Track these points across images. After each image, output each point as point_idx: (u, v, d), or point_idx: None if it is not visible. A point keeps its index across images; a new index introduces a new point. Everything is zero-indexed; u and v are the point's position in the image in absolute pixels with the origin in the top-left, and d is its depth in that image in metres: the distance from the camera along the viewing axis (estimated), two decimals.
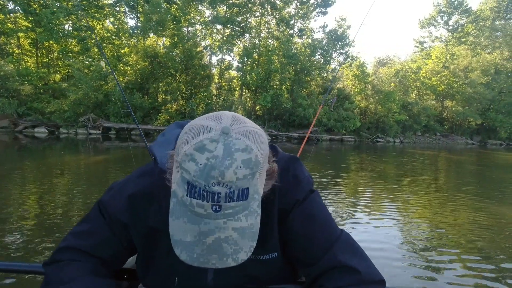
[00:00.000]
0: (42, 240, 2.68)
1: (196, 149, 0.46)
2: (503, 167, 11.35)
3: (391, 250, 2.82)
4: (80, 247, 0.67)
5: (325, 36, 25.74)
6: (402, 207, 4.38)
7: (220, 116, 0.51)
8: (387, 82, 24.96)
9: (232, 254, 0.50)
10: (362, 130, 23.40)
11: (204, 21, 23.37)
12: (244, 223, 0.49)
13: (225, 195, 0.46)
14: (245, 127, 0.51)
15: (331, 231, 0.66)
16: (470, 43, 30.60)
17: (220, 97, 22.04)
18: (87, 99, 16.82)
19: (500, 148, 24.69)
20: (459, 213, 4.20)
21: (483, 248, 2.97)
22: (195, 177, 0.45)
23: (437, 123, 27.64)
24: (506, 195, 5.82)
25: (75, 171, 6.30)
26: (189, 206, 0.48)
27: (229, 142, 0.47)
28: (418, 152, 15.81)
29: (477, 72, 26.40)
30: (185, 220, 0.49)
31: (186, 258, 0.50)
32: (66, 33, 18.82)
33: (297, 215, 0.66)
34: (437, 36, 34.92)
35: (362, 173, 8.13)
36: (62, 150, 10.46)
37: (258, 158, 0.48)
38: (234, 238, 0.49)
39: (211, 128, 0.48)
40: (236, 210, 0.48)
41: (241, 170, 0.46)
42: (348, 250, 0.65)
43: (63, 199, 4.03)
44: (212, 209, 0.47)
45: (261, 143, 0.51)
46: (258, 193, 0.51)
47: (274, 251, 0.67)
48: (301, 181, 0.68)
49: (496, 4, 35.32)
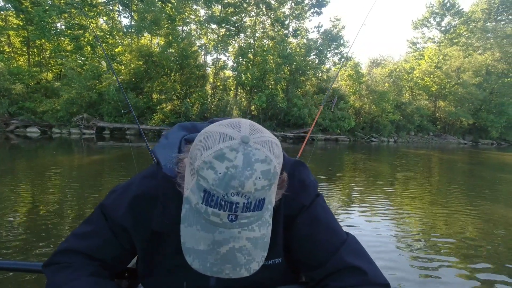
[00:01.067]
0: (33, 240, 2.65)
1: (215, 157, 0.45)
2: (494, 166, 11.56)
3: (383, 248, 2.84)
4: (81, 249, 0.67)
5: (320, 36, 25.85)
6: (396, 206, 4.43)
7: (238, 124, 0.51)
8: (381, 82, 25.19)
9: (245, 264, 0.50)
10: (356, 130, 23.58)
11: (199, 20, 23.28)
12: (257, 233, 0.49)
13: (243, 205, 0.46)
14: (264, 137, 0.50)
15: (337, 235, 0.66)
16: (462, 44, 31.04)
17: (215, 97, 21.98)
18: (81, 99, 16.63)
19: (491, 147, 25.12)
20: (452, 212, 4.26)
21: (476, 246, 3.01)
22: (214, 186, 0.45)
23: (430, 123, 28.00)
24: (498, 194, 5.93)
25: (68, 172, 6.21)
26: (204, 214, 0.47)
27: (249, 152, 0.46)
28: (411, 152, 16.00)
29: (469, 72, 26.81)
30: (199, 227, 0.48)
31: (199, 267, 0.49)
32: (58, 31, 18.55)
33: (303, 219, 0.66)
34: (430, 37, 35.35)
35: (357, 172, 8.19)
36: (55, 150, 10.32)
37: (276, 169, 0.48)
38: (248, 248, 0.49)
39: (231, 137, 0.48)
40: (251, 220, 0.48)
41: (260, 181, 0.46)
42: (354, 253, 0.65)
43: (55, 200, 3.96)
44: (228, 218, 0.46)
45: (278, 154, 0.51)
46: (272, 203, 0.51)
47: (278, 257, 0.67)
48: (307, 186, 0.68)
49: (487, 6, 35.88)
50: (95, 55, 19.15)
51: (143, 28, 19.06)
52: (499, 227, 3.66)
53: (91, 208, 3.65)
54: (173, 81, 20.13)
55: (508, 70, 28.60)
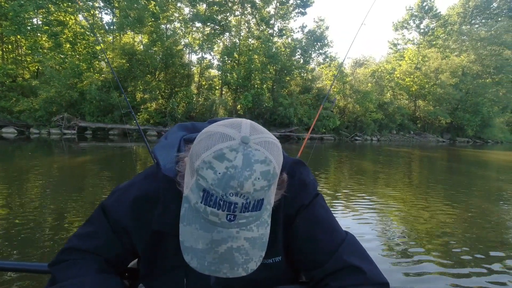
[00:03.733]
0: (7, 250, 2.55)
1: (215, 157, 0.45)
2: (470, 163, 12.13)
3: (367, 245, 2.94)
4: (85, 247, 0.67)
5: (305, 36, 26.17)
6: (379, 203, 4.57)
7: (238, 124, 0.51)
8: (364, 82, 25.81)
9: (243, 264, 0.50)
10: (341, 129, 24.04)
11: (183, 18, 22.97)
12: (256, 233, 0.50)
13: (241, 205, 0.46)
14: (264, 137, 0.50)
15: (336, 234, 0.67)
16: (439, 46, 32.30)
17: (201, 96, 21.78)
18: (60, 98, 16.02)
19: (467, 145, 26.31)
20: (432, 205, 4.45)
21: (455, 236, 3.17)
22: (213, 186, 0.45)
23: (411, 122, 28.97)
24: (473, 188, 6.26)
25: (48, 174, 5.94)
26: (203, 213, 0.47)
27: (249, 152, 0.46)
28: (394, 150, 16.50)
29: (446, 73, 27.95)
30: (197, 227, 0.49)
31: (197, 266, 0.49)
32: (35, 27, 17.76)
33: (303, 219, 0.66)
34: (409, 39, 36.55)
35: (342, 170, 8.38)
36: (34, 151, 9.90)
37: (276, 170, 0.49)
38: (246, 248, 0.49)
39: (231, 137, 0.48)
40: (249, 220, 0.48)
41: (259, 182, 0.46)
42: (354, 252, 0.65)
43: (33, 205, 3.74)
44: (226, 218, 0.47)
45: (278, 154, 0.51)
46: (270, 204, 0.52)
47: (278, 256, 0.67)
48: (307, 186, 0.69)
49: (463, 10, 37.54)
50: (75, 52, 18.51)
51: (126, 25, 18.59)
52: (476, 218, 3.86)
53: (72, 214, 3.54)
54: (158, 80, 19.78)
55: (482, 71, 30.06)
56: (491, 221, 3.83)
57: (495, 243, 3.05)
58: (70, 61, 17.28)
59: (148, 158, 8.97)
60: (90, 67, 17.99)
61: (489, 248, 2.90)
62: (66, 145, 11.59)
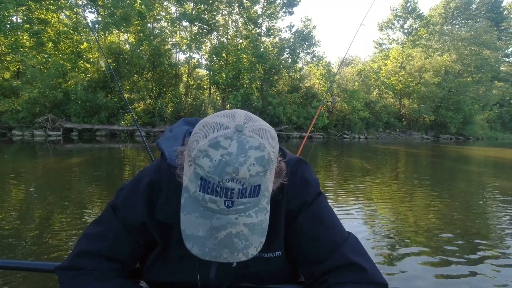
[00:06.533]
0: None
1: (210, 145, 0.47)
2: (454, 159, 12.56)
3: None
4: (97, 251, 0.67)
5: (292, 36, 26.37)
6: (367, 200, 4.68)
7: (233, 114, 0.53)
8: (351, 81, 26.22)
9: (243, 249, 0.51)
10: (329, 127, 24.37)
11: (170, 17, 22.70)
12: (255, 219, 0.50)
13: (238, 191, 0.47)
14: (258, 125, 0.52)
15: (339, 233, 0.67)
16: (423, 46, 33.18)
17: (190, 96, 21.61)
18: (44, 98, 15.55)
19: (450, 142, 27.16)
20: (418, 200, 4.61)
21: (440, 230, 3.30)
22: (209, 173, 0.46)
23: (397, 119, 29.66)
24: (457, 182, 6.53)
25: (31, 177, 5.71)
26: (202, 201, 0.49)
27: (243, 139, 0.48)
28: (380, 147, 16.87)
29: (429, 72, 28.78)
30: (197, 215, 0.50)
31: (198, 252, 0.51)
32: (15, 25, 17.14)
33: (306, 217, 0.67)
34: (394, 39, 37.38)
35: (331, 167, 8.52)
36: (17, 153, 9.59)
37: (270, 156, 0.50)
38: (245, 234, 0.50)
39: (225, 126, 0.49)
40: (248, 206, 0.49)
41: (254, 168, 0.47)
42: (355, 251, 0.65)
43: (17, 209, 3.61)
44: (224, 204, 0.48)
45: (273, 141, 0.53)
46: (268, 191, 0.53)
47: (279, 250, 0.68)
48: (310, 183, 0.70)
49: (444, 11, 38.74)
50: (58, 51, 17.98)
51: (112, 24, 18.21)
52: (459, 212, 4.04)
53: (57, 219, 3.47)
54: (146, 80, 19.48)
55: (463, 70, 31.11)
56: (474, 213, 4.01)
57: (478, 235, 3.20)
58: (54, 61, 16.79)
59: (137, 159, 8.85)
60: (75, 67, 17.53)
61: (473, 239, 3.04)
62: (51, 147, 11.26)
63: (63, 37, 18.11)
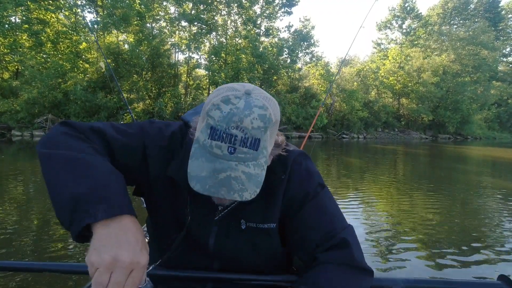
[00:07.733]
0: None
1: (222, 101, 0.56)
2: (451, 158, 12.65)
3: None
4: (107, 136, 0.69)
5: (291, 36, 26.40)
6: (366, 199, 4.74)
7: (244, 84, 0.61)
8: (350, 81, 26.29)
9: (239, 191, 0.56)
10: (328, 127, 24.43)
11: (169, 17, 22.70)
12: (252, 171, 0.56)
13: (241, 139, 0.54)
14: (265, 93, 0.61)
15: (340, 222, 0.72)
16: (421, 46, 33.30)
17: (189, 96, 21.62)
18: (43, 99, 15.53)
19: (448, 141, 27.30)
20: (415, 198, 4.67)
21: (437, 228, 3.35)
22: (218, 122, 0.54)
23: (395, 119, 29.76)
24: (454, 181, 6.58)
25: (31, 177, 5.72)
26: (209, 148, 0.55)
27: (250, 100, 0.57)
28: (379, 147, 16.94)
29: (428, 72, 28.87)
30: (203, 160, 0.56)
31: (199, 189, 0.56)
32: (14, 25, 17.09)
33: (310, 208, 0.72)
34: (392, 39, 37.50)
35: (331, 166, 8.57)
36: (16, 154, 9.60)
37: (271, 116, 0.58)
38: (242, 179, 0.55)
39: (237, 89, 0.59)
40: (247, 157, 0.55)
41: (257, 122, 0.55)
42: (350, 238, 0.70)
43: (16, 210, 3.68)
44: (227, 150, 0.54)
45: (275, 107, 0.61)
46: (267, 150, 0.59)
47: (273, 222, 0.73)
48: (313, 174, 0.76)
49: (442, 11, 38.88)
50: (57, 52, 17.96)
51: (112, 24, 18.20)
52: (457, 211, 4.09)
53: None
54: (145, 80, 19.48)
55: (461, 70, 31.24)
56: (471, 211, 4.07)
57: (475, 232, 3.25)
58: (53, 61, 16.77)
59: None
60: (74, 67, 17.52)
61: (470, 236, 3.09)
62: None
63: (62, 37, 18.09)
